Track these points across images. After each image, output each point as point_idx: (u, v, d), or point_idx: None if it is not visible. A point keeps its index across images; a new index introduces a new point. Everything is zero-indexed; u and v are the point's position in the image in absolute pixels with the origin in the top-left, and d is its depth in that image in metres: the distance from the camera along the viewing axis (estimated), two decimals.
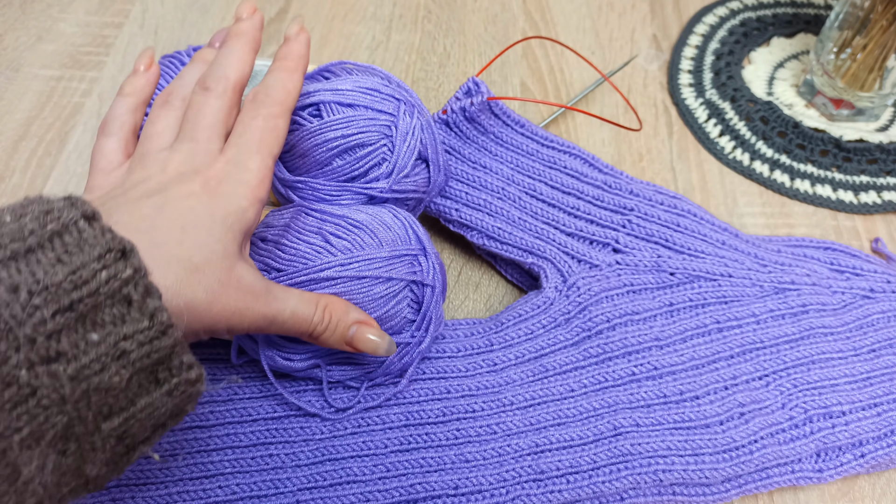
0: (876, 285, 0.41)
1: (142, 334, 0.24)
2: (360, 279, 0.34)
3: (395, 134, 0.37)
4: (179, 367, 0.26)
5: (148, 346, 0.24)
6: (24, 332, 0.22)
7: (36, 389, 0.22)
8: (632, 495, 0.35)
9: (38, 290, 0.22)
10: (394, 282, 0.35)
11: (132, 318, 0.24)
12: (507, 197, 0.42)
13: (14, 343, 0.22)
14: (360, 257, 0.34)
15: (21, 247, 0.23)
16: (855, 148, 0.50)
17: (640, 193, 0.43)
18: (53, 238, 0.23)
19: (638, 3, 0.60)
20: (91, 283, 0.23)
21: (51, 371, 0.22)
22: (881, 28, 0.46)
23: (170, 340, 0.25)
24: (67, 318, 0.23)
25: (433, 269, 0.36)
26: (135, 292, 0.24)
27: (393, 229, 0.36)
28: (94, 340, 0.23)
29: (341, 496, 0.34)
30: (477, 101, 0.41)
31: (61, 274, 0.23)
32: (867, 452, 0.37)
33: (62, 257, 0.23)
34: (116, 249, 0.24)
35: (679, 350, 0.39)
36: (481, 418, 0.36)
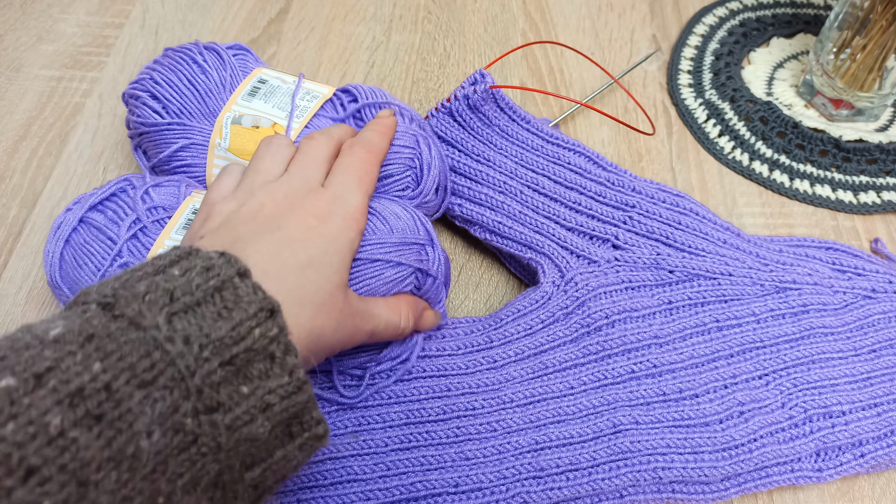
0: (878, 285, 0.41)
1: (282, 389, 0.26)
2: (372, 262, 0.35)
3: (418, 165, 0.39)
4: (310, 423, 0.28)
5: (287, 400, 0.26)
6: (195, 382, 0.23)
7: (198, 437, 0.23)
8: (631, 493, 0.35)
9: (206, 344, 0.24)
10: (402, 267, 0.36)
11: (275, 374, 0.26)
12: (508, 191, 0.42)
13: (185, 392, 0.23)
14: (372, 241, 0.35)
15: (191, 300, 0.25)
16: (854, 148, 0.50)
17: (643, 191, 0.43)
18: (215, 293, 0.25)
19: (637, 4, 0.60)
20: (247, 339, 0.25)
21: (212, 420, 0.24)
22: (881, 28, 0.46)
23: (304, 396, 0.27)
24: (228, 371, 0.24)
25: (438, 260, 0.38)
26: (278, 350, 0.26)
27: (402, 219, 0.37)
28: (245, 393, 0.25)
29: (342, 495, 0.34)
30: (480, 89, 0.42)
31: (224, 329, 0.25)
32: (867, 452, 0.37)
33: (223, 312, 0.25)
34: (267, 309, 0.26)
35: (679, 348, 0.39)
36: (481, 416, 0.36)
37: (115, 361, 0.22)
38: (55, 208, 0.47)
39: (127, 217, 0.38)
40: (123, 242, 0.37)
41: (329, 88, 0.43)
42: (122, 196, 0.39)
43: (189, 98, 0.42)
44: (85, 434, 0.20)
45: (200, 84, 0.42)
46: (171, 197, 0.39)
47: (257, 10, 0.59)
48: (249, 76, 0.43)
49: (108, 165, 0.49)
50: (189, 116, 0.41)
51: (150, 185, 0.39)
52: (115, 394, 0.22)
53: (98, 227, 0.38)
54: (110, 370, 0.22)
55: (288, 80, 0.43)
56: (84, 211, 0.38)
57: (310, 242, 0.31)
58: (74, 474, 0.20)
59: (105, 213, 0.38)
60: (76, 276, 0.37)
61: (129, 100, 0.43)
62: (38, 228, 0.46)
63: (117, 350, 0.22)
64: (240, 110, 0.41)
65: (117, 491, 0.21)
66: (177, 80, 0.42)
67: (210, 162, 0.42)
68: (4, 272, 0.44)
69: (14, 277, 0.44)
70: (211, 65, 0.42)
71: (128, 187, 0.39)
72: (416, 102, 0.53)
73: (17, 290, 0.43)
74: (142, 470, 0.22)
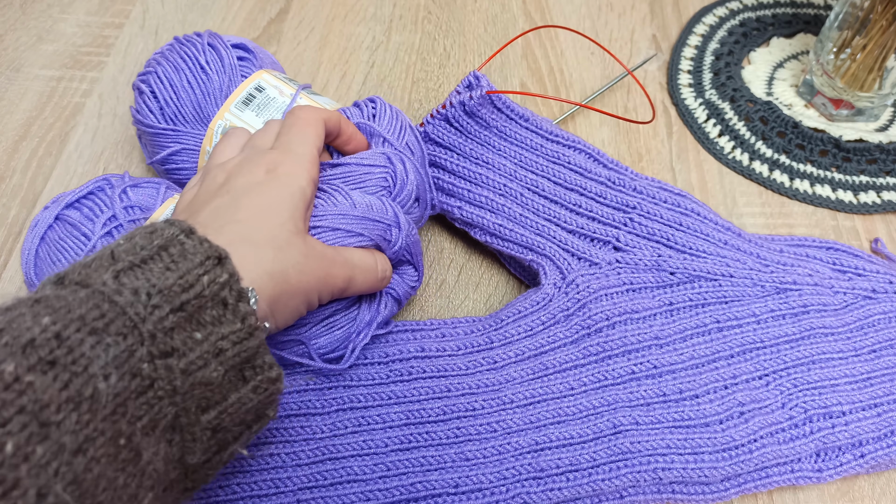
0: (878, 286, 0.41)
1: (235, 335, 0.27)
2: (333, 230, 0.35)
3: (391, 182, 0.38)
4: (262, 367, 0.28)
5: (239, 345, 0.27)
6: (147, 328, 0.24)
7: (154, 381, 0.25)
8: (631, 493, 0.35)
9: (154, 292, 0.25)
10: (363, 238, 0.36)
11: (227, 320, 0.27)
12: (508, 193, 0.42)
13: (138, 338, 0.24)
14: (333, 212, 0.35)
15: (135, 258, 0.26)
16: (854, 148, 0.50)
17: (644, 191, 0.42)
18: (160, 251, 0.27)
19: (637, 4, 0.60)
20: (196, 286, 0.26)
21: (167, 364, 0.25)
22: (881, 28, 0.46)
23: (256, 341, 0.28)
24: (179, 318, 0.25)
25: (403, 241, 0.38)
26: (230, 296, 0.27)
27: (370, 202, 0.37)
28: (199, 339, 0.26)
29: (342, 495, 0.34)
30: (476, 95, 0.41)
31: (172, 278, 0.26)
32: (867, 453, 0.37)
33: (170, 266, 0.26)
34: (213, 256, 0.27)
35: (679, 349, 0.39)
36: (481, 416, 0.36)
37: (63, 314, 0.23)
38: None
39: (102, 214, 0.38)
40: (98, 239, 0.37)
41: (333, 105, 0.43)
42: (100, 194, 0.39)
43: (186, 103, 0.42)
44: (40, 378, 0.21)
45: (200, 87, 0.42)
46: (149, 198, 0.39)
47: (257, 10, 0.59)
48: (248, 81, 0.42)
49: (108, 165, 0.49)
50: (184, 122, 0.42)
51: (128, 185, 0.39)
52: (65, 341, 0.23)
53: (73, 224, 0.38)
54: (60, 321, 0.23)
55: (286, 91, 0.43)
56: (60, 209, 0.38)
57: (258, 194, 0.32)
58: (35, 415, 0.21)
59: (81, 211, 0.38)
60: (51, 272, 0.37)
61: (135, 90, 0.44)
62: None
63: (65, 306, 0.24)
64: (231, 119, 0.41)
65: (79, 431, 0.22)
66: (178, 81, 0.42)
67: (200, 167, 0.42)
68: (4, 272, 0.44)
69: (14, 278, 0.44)
70: (213, 67, 0.42)
71: (106, 186, 0.40)
72: (416, 102, 0.53)
73: (17, 290, 0.43)
74: (101, 411, 0.23)
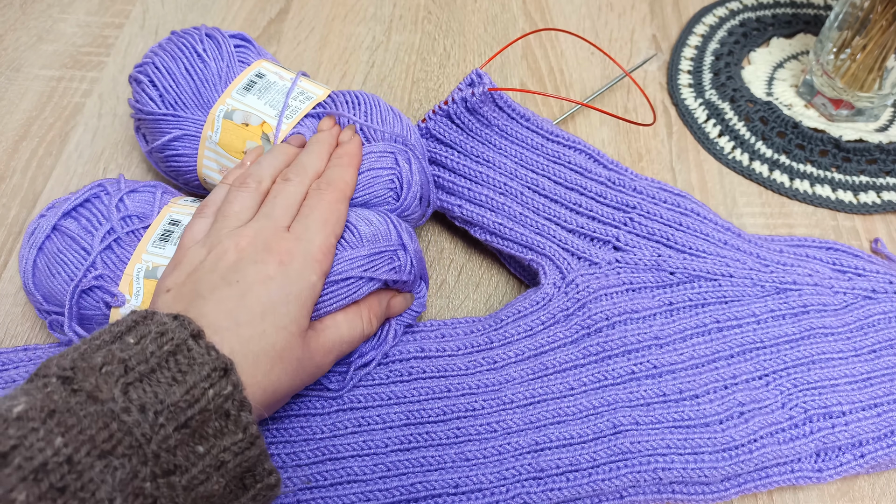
0: (878, 286, 0.41)
1: (236, 446, 0.27)
2: (344, 280, 0.35)
3: (398, 184, 0.39)
4: (262, 474, 0.28)
5: (241, 456, 0.27)
6: (152, 448, 0.24)
7: (157, 500, 0.25)
8: (631, 493, 0.35)
9: (161, 410, 0.25)
10: (374, 282, 0.36)
11: (230, 431, 0.27)
12: (509, 192, 0.42)
13: (142, 458, 0.24)
14: (342, 258, 0.35)
15: (145, 369, 0.26)
16: (854, 148, 0.50)
17: (644, 191, 0.42)
18: (169, 358, 0.26)
19: (637, 4, 0.60)
20: (201, 400, 0.26)
21: (169, 483, 0.25)
22: (881, 28, 0.46)
23: (257, 451, 0.28)
24: (183, 434, 0.25)
25: (410, 263, 0.38)
26: (232, 407, 0.27)
27: (374, 224, 0.37)
28: (201, 452, 0.26)
29: (342, 495, 0.34)
30: (479, 92, 0.41)
31: (178, 393, 0.26)
32: (867, 453, 0.37)
33: (177, 377, 0.26)
34: (220, 368, 0.27)
35: (679, 349, 0.39)
36: (481, 416, 0.36)
37: (75, 434, 0.23)
38: None
39: (101, 227, 0.37)
40: (97, 254, 0.36)
41: (325, 90, 0.43)
42: (96, 202, 0.38)
43: (185, 89, 0.42)
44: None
45: (198, 74, 0.42)
46: (147, 205, 0.39)
47: (257, 10, 0.59)
48: (248, 69, 0.43)
49: (108, 165, 0.49)
50: (184, 108, 0.42)
51: (124, 193, 0.39)
52: (76, 465, 0.23)
53: (71, 237, 0.37)
54: (71, 444, 0.23)
55: (286, 76, 0.43)
56: (57, 218, 0.37)
57: (268, 291, 0.31)
58: None
59: (79, 221, 0.38)
60: (49, 284, 0.37)
61: (132, 82, 0.43)
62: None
63: (77, 424, 0.24)
64: (233, 104, 0.41)
65: None
66: (176, 68, 0.42)
67: (201, 153, 0.42)
68: (4, 272, 0.44)
69: (14, 277, 0.44)
70: (210, 55, 0.42)
71: (101, 193, 0.39)
72: (416, 102, 0.53)
73: (17, 290, 0.43)
74: None
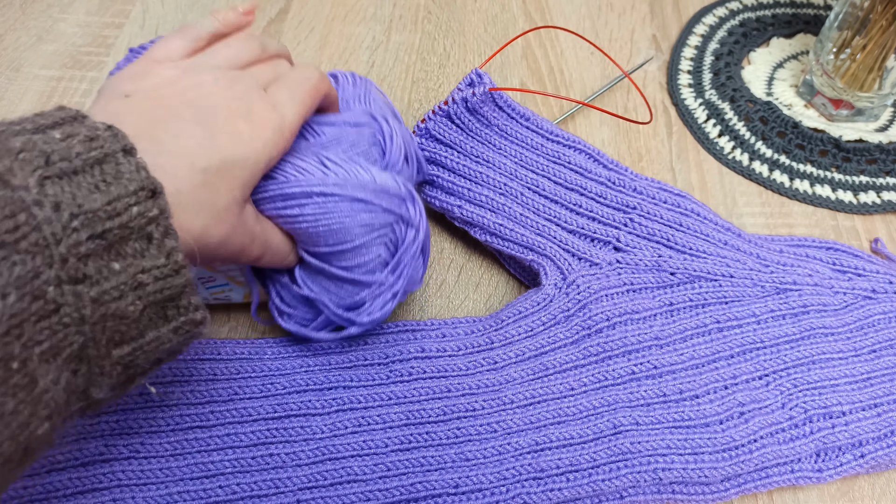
0: (878, 286, 0.41)
1: (158, 270, 0.25)
2: (350, 200, 0.34)
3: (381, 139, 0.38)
4: (187, 307, 0.27)
5: (162, 281, 0.26)
6: (60, 250, 0.23)
7: (60, 307, 0.23)
8: (631, 493, 0.35)
9: (77, 213, 0.23)
10: (388, 214, 0.35)
11: (151, 254, 0.25)
12: (509, 193, 0.42)
13: (48, 260, 0.23)
14: (353, 182, 0.34)
15: (68, 167, 0.24)
16: (854, 148, 0.50)
17: (644, 191, 0.42)
18: (95, 165, 0.25)
19: (637, 4, 0.60)
20: (123, 215, 0.24)
21: (76, 291, 0.23)
22: (881, 28, 0.46)
23: (182, 280, 0.26)
24: (98, 245, 0.24)
25: (420, 215, 0.37)
26: (156, 231, 0.25)
27: (384, 176, 0.36)
28: (116, 269, 0.24)
29: (342, 495, 0.34)
30: (479, 92, 0.41)
31: (99, 202, 0.24)
32: (867, 453, 0.37)
33: (100, 185, 0.24)
34: (148, 189, 0.25)
35: (679, 349, 0.39)
36: (481, 417, 0.36)
37: None
38: None
39: None
40: None
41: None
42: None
43: None
44: None
45: None
46: None
47: (257, 10, 0.59)
48: None
49: None
50: None
51: None
52: None
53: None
54: None
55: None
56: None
57: (233, 146, 0.30)
58: None
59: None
60: None
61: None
62: None
63: None
64: None
65: None
66: None
67: None
68: None
69: None
70: None
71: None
72: (416, 102, 0.53)
73: None
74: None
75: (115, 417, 0.36)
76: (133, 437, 0.35)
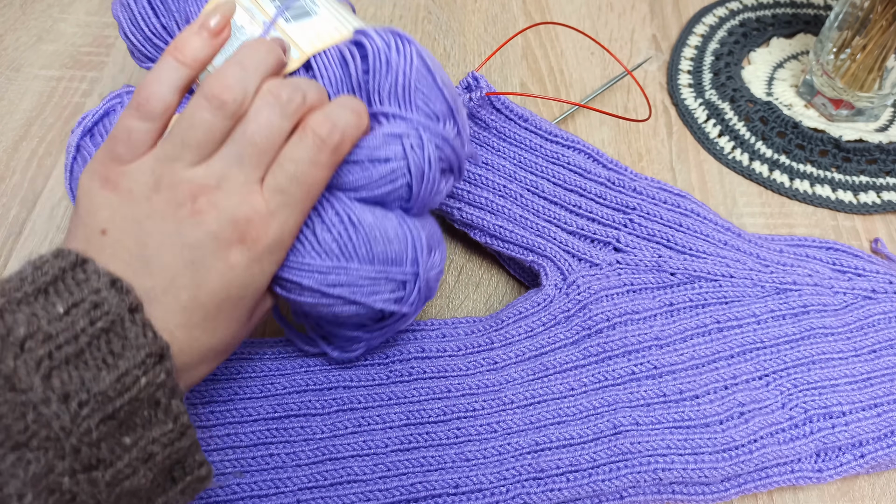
0: (878, 286, 0.41)
1: (166, 437, 0.25)
2: (346, 303, 0.31)
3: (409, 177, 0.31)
4: (192, 466, 0.26)
5: (170, 447, 0.25)
6: (71, 442, 0.22)
7: (76, 496, 0.23)
8: (631, 494, 0.35)
9: (86, 400, 0.23)
10: (367, 309, 0.32)
11: (159, 421, 0.25)
12: (508, 194, 0.42)
13: (60, 452, 0.22)
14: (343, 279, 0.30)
15: (73, 350, 0.23)
16: (854, 148, 0.50)
17: (644, 191, 0.42)
18: (101, 336, 0.24)
19: (637, 4, 0.60)
20: (132, 389, 0.24)
21: (90, 478, 0.23)
22: (881, 28, 0.46)
23: (188, 441, 0.26)
24: (110, 426, 0.23)
25: (416, 298, 0.33)
26: (163, 395, 0.25)
27: (392, 244, 0.31)
28: (127, 444, 0.24)
29: (342, 495, 0.34)
30: (476, 97, 0.41)
31: (108, 381, 0.23)
32: (867, 453, 0.37)
33: (108, 359, 0.23)
34: (156, 354, 0.24)
35: (679, 349, 0.39)
36: (481, 417, 0.36)
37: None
38: (55, 208, 0.47)
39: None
40: None
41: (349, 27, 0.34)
42: (114, 117, 0.36)
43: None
44: None
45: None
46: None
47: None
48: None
49: None
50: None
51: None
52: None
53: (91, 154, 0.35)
54: None
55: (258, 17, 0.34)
56: (78, 139, 0.35)
57: (222, 288, 0.27)
58: None
59: (101, 136, 0.35)
60: None
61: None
62: (38, 228, 0.46)
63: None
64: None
65: None
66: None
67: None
68: (4, 272, 0.44)
69: None
70: None
71: (118, 106, 0.36)
72: None
73: None
74: None
75: None
76: None
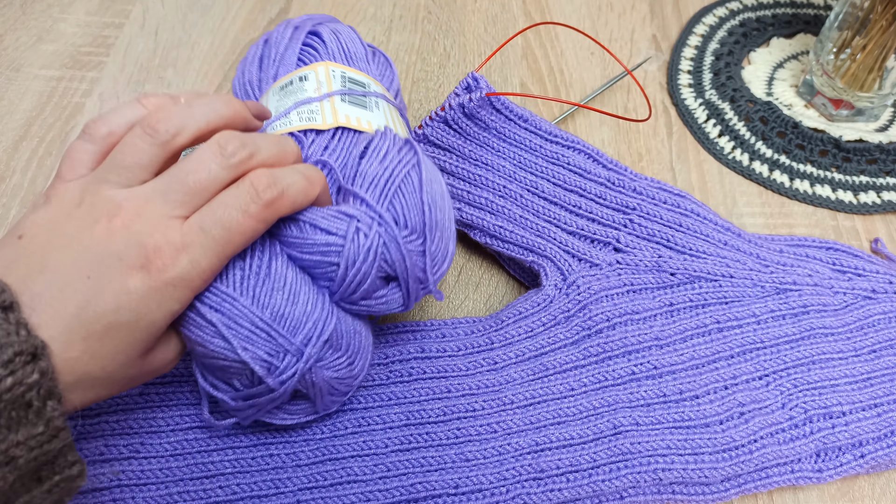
0: (878, 286, 0.41)
1: (34, 440, 0.23)
2: (209, 325, 0.29)
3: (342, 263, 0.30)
4: (62, 466, 0.25)
5: (38, 450, 0.23)
6: None
7: None
8: (631, 494, 0.35)
9: None
10: (234, 355, 0.29)
11: (29, 423, 0.23)
12: (508, 195, 0.42)
13: None
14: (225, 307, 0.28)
15: None
16: (854, 148, 0.50)
17: (644, 191, 0.42)
18: None
19: (637, 4, 0.60)
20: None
21: None
22: (881, 28, 0.46)
23: (61, 443, 0.24)
24: None
25: (289, 379, 0.30)
26: (37, 398, 0.23)
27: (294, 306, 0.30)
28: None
29: (342, 496, 0.34)
30: (475, 97, 0.41)
31: None
32: (867, 453, 0.37)
33: None
34: (28, 352, 0.23)
35: (679, 350, 0.39)
36: (481, 417, 0.36)
37: None
38: None
39: None
40: None
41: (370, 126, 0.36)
42: None
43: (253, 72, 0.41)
44: None
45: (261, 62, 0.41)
46: None
47: (257, 10, 0.59)
48: (302, 68, 0.38)
49: None
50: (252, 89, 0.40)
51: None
52: None
53: None
54: None
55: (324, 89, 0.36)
56: None
57: (112, 310, 0.25)
58: None
59: None
60: None
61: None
62: None
63: None
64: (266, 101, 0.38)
65: None
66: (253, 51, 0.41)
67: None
68: None
69: None
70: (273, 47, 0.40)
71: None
72: (416, 102, 0.53)
73: None
74: None
75: (115, 417, 0.36)
76: (133, 437, 0.35)
